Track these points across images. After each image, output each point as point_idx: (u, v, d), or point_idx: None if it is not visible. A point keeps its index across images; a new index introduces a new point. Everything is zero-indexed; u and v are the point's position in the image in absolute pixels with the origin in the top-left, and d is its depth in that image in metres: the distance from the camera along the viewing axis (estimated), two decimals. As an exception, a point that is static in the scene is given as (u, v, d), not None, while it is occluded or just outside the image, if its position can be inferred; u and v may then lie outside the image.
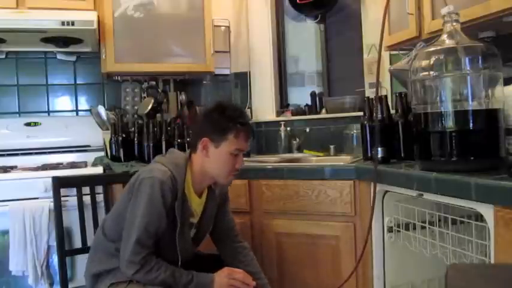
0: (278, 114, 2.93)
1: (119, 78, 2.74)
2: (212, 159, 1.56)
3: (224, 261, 1.72)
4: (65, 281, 1.92)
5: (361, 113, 2.17)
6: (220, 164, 1.56)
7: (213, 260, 1.73)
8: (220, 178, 1.60)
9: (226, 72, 2.93)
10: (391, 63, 2.21)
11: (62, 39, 2.44)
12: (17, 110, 2.69)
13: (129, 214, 1.51)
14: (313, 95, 2.87)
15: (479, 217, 1.34)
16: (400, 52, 2.02)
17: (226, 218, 1.78)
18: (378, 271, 1.79)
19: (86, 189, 2.02)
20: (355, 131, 2.43)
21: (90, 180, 2.07)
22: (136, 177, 1.55)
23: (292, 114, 2.83)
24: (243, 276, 1.58)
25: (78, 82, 2.79)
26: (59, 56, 2.73)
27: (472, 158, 1.36)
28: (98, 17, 2.38)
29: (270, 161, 2.44)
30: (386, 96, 1.92)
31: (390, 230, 1.74)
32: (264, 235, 2.06)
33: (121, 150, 2.42)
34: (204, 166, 1.58)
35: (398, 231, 1.72)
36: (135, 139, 2.45)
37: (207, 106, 1.78)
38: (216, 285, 1.53)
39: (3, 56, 2.65)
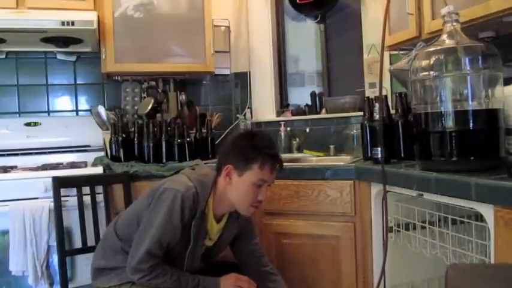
0: (278, 114, 2.93)
1: (119, 78, 2.74)
2: (234, 187, 1.53)
3: (230, 267, 1.71)
4: (65, 281, 1.93)
5: (361, 113, 2.17)
6: (242, 194, 1.53)
7: (219, 266, 1.72)
8: (241, 209, 1.57)
9: (226, 72, 2.93)
10: (391, 63, 2.21)
11: (62, 39, 2.44)
12: (17, 110, 2.69)
13: (146, 220, 1.50)
14: (313, 95, 2.87)
15: (479, 217, 1.34)
16: (400, 52, 2.02)
17: (251, 243, 1.76)
18: (378, 271, 1.79)
19: (86, 189, 2.02)
20: (355, 131, 2.43)
21: (90, 180, 2.07)
22: (160, 185, 1.54)
23: (292, 114, 2.83)
24: (248, 284, 1.57)
25: (78, 82, 2.79)
26: (59, 56, 2.73)
27: (472, 158, 1.36)
28: (98, 17, 2.38)
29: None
30: (386, 96, 1.92)
31: (390, 230, 1.74)
32: (264, 235, 2.06)
33: (121, 150, 2.42)
34: (225, 192, 1.56)
35: (398, 231, 1.72)
36: (135, 139, 2.44)
37: (237, 132, 1.73)
38: None
39: (3, 56, 2.65)
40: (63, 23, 2.22)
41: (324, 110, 2.74)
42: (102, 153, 2.54)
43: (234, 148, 1.57)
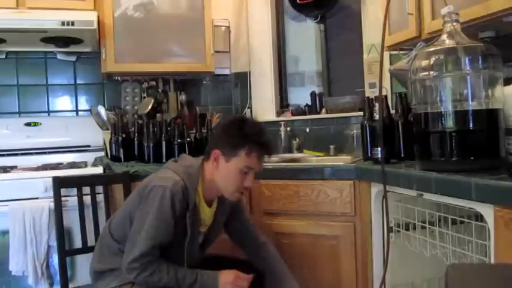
0: (278, 114, 2.93)
1: (119, 78, 2.74)
2: (221, 172, 1.54)
3: (229, 263, 1.71)
4: (65, 281, 1.92)
5: (361, 113, 2.17)
6: (228, 179, 1.54)
7: (219, 261, 1.73)
8: (226, 193, 1.58)
9: (226, 72, 2.94)
10: (391, 63, 2.21)
11: (62, 39, 2.44)
12: (17, 110, 2.69)
13: (137, 220, 1.50)
14: (313, 95, 2.87)
15: (479, 217, 1.34)
16: (400, 52, 2.02)
17: (243, 222, 1.77)
18: (378, 271, 1.79)
19: (86, 189, 2.02)
20: (355, 131, 2.43)
21: (90, 180, 2.06)
22: (147, 183, 1.53)
23: (292, 114, 2.83)
24: (248, 283, 1.55)
25: (78, 82, 2.79)
26: (59, 56, 2.73)
27: (472, 158, 1.36)
28: (98, 17, 2.37)
29: (270, 161, 2.44)
30: (386, 96, 1.92)
31: (390, 230, 1.74)
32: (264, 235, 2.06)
33: (121, 150, 2.42)
34: (213, 177, 1.57)
35: (398, 231, 1.72)
36: (135, 139, 2.44)
37: (229, 117, 1.74)
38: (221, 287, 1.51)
39: (3, 56, 2.65)
40: (63, 23, 2.22)
41: (324, 110, 2.74)
42: (102, 153, 2.54)
43: (223, 133, 1.57)
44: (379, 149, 1.73)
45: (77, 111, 2.80)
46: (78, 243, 2.02)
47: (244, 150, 1.50)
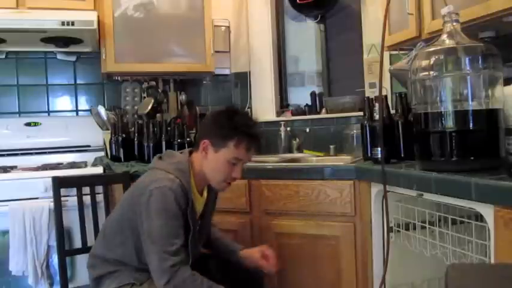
0: (278, 114, 2.93)
1: (119, 78, 2.74)
2: (210, 162, 1.54)
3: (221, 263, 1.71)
4: (65, 281, 1.93)
5: (361, 113, 2.17)
6: (216, 169, 1.54)
7: (220, 261, 1.73)
8: (214, 183, 1.58)
9: (226, 72, 2.94)
10: (391, 63, 2.21)
11: (62, 39, 2.44)
12: (17, 110, 2.69)
13: (145, 228, 1.44)
14: (313, 95, 2.87)
15: (479, 217, 1.34)
16: (400, 52, 2.02)
17: (213, 212, 1.80)
18: (378, 271, 1.79)
19: (86, 189, 2.02)
20: (355, 131, 2.43)
21: (90, 180, 2.07)
22: (143, 189, 1.47)
23: (292, 114, 2.83)
24: None
25: (78, 82, 2.79)
26: (59, 56, 2.73)
27: (472, 158, 1.35)
28: (98, 17, 2.38)
29: (270, 161, 2.44)
30: (386, 96, 1.92)
31: (390, 230, 1.74)
32: (264, 235, 2.06)
33: (121, 150, 2.42)
34: (202, 166, 1.57)
35: (398, 231, 1.72)
36: (135, 139, 2.45)
37: (220, 107, 1.75)
38: None
39: (3, 56, 2.65)
40: (63, 23, 2.22)
41: (324, 110, 2.74)
42: (102, 153, 2.54)
43: (213, 123, 1.57)
44: (379, 149, 1.73)
45: (77, 111, 2.80)
46: (78, 243, 2.02)
47: (233, 142, 1.50)
